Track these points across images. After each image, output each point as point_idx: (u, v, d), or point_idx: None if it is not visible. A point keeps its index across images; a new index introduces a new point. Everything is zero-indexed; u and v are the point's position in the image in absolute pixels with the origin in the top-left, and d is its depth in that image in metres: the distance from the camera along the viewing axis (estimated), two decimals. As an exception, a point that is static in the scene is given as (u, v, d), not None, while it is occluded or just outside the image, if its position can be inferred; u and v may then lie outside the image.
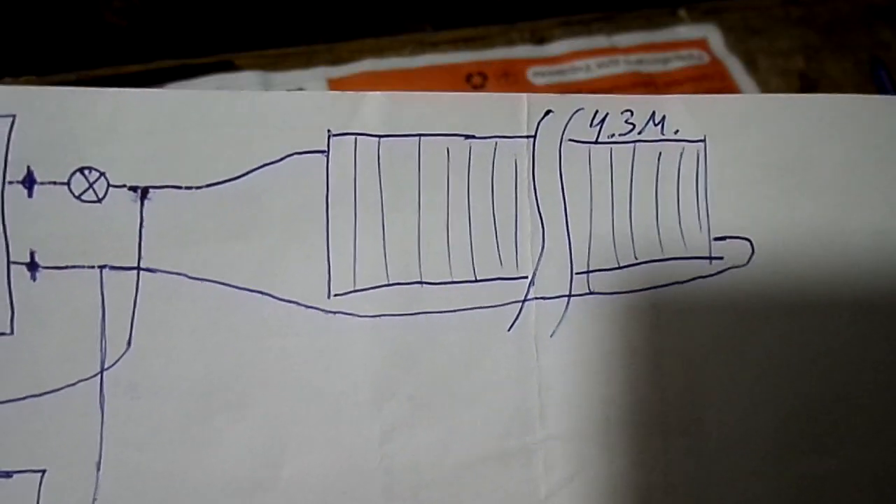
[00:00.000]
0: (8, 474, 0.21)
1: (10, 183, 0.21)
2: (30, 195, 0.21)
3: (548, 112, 0.24)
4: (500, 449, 0.23)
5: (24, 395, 0.21)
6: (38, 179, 0.21)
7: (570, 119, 0.24)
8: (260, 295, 0.22)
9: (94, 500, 0.21)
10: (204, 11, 0.38)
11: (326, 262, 0.22)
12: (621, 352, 0.23)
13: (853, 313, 0.24)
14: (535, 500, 0.23)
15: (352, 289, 0.23)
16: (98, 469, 0.21)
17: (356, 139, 0.23)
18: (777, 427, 0.23)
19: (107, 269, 0.22)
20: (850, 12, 0.36)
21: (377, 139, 0.23)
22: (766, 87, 0.35)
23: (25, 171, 0.21)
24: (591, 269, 0.23)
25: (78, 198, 0.21)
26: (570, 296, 0.23)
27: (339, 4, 0.38)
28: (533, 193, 0.24)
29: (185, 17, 0.38)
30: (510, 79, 0.34)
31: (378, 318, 0.23)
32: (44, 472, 0.21)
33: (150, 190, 0.22)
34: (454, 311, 0.23)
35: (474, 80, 0.33)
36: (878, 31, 0.35)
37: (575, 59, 0.34)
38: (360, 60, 0.33)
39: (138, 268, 0.22)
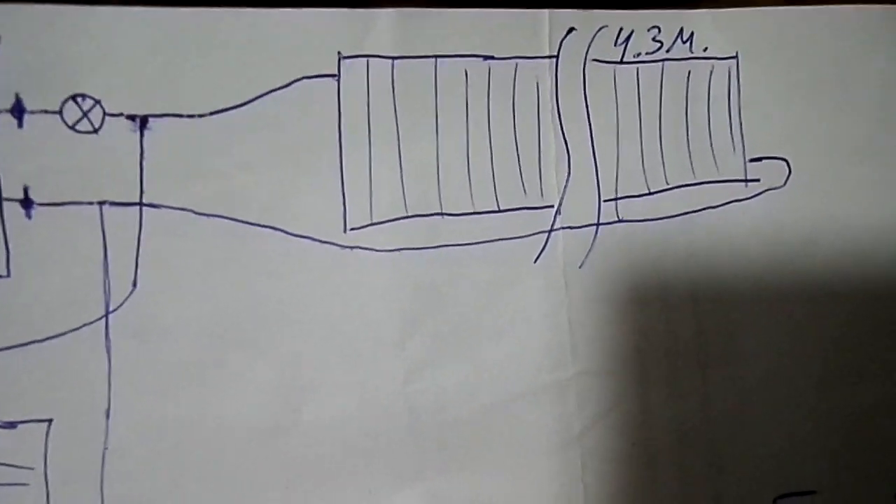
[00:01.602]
0: (12, 424, 0.20)
1: (-2, 112, 0.20)
2: (20, 125, 0.20)
3: (570, 30, 0.22)
4: (531, 386, 0.22)
5: (25, 342, 0.20)
6: (28, 108, 0.20)
7: (593, 37, 0.22)
8: (271, 230, 0.21)
9: (105, 448, 0.20)
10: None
11: (341, 194, 0.21)
12: (654, 281, 0.22)
13: (896, 234, 0.23)
14: (569, 436, 0.22)
15: (369, 222, 0.21)
16: (107, 417, 0.20)
17: (368, 61, 0.21)
18: (819, 356, 0.22)
19: (107, 206, 0.20)
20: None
21: (391, 61, 0.21)
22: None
23: (14, 98, 0.19)
24: (619, 195, 0.22)
25: (72, 128, 0.20)
26: (598, 224, 0.22)
27: (339, 5, 0.37)
28: (557, 117, 0.22)
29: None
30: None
31: (398, 253, 0.21)
32: (50, 421, 0.20)
33: (150, 119, 0.20)
34: (477, 243, 0.22)
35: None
36: None
37: None
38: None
39: (140, 203, 0.20)
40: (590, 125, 0.22)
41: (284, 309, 0.21)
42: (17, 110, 0.20)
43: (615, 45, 0.22)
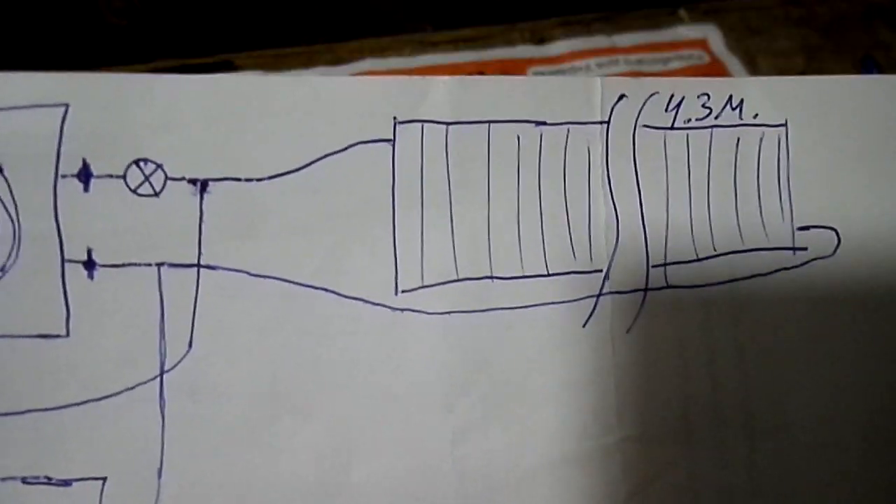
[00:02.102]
0: (68, 482, 0.20)
1: (64, 177, 0.20)
2: (85, 189, 0.20)
3: (622, 97, 0.22)
4: (577, 451, 0.22)
5: (82, 401, 0.20)
6: (94, 173, 0.20)
7: (644, 103, 0.23)
8: (324, 292, 0.21)
9: (157, 508, 0.20)
10: (204, 11, 0.37)
11: (393, 257, 0.21)
12: (701, 348, 0.22)
13: (945, 306, 0.23)
14: (615, 503, 0.22)
15: (420, 285, 0.22)
16: (159, 476, 0.20)
17: (423, 126, 0.22)
18: (868, 426, 0.22)
19: (165, 267, 0.20)
20: (850, 12, 0.35)
21: (445, 126, 0.22)
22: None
23: (81, 163, 0.20)
24: (668, 261, 0.22)
25: (134, 191, 0.20)
26: (646, 290, 0.22)
27: (339, 4, 0.38)
28: (607, 182, 0.22)
29: (185, 17, 0.37)
30: (512, 79, 0.34)
31: (448, 315, 0.22)
32: (105, 479, 0.20)
33: (210, 182, 0.21)
34: (527, 306, 0.22)
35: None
36: (877, 31, 0.34)
37: (575, 60, 0.33)
38: (360, 60, 0.32)
39: (198, 265, 0.21)
40: (639, 190, 0.22)
41: (335, 370, 0.21)
42: (84, 175, 0.20)
43: (666, 111, 0.23)
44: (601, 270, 0.22)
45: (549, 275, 0.22)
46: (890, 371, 0.23)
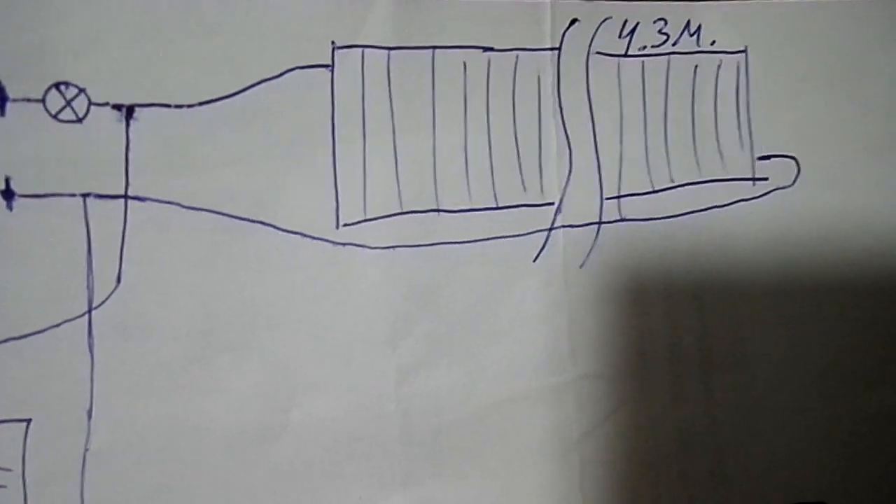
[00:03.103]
0: (-11, 424, 0.19)
1: (-21, 100, 0.19)
2: (1, 114, 0.19)
3: (573, 21, 0.21)
4: (528, 390, 0.21)
5: (3, 339, 0.19)
6: (10, 96, 0.19)
7: (597, 29, 0.22)
8: (261, 225, 0.20)
9: (86, 450, 0.19)
10: None
11: (334, 189, 0.20)
12: (657, 283, 0.21)
13: (909, 236, 0.22)
14: (568, 442, 0.21)
15: (362, 218, 0.21)
16: (89, 417, 0.19)
17: (363, 52, 0.21)
18: (826, 362, 0.22)
19: (91, 198, 0.19)
20: None
21: (387, 52, 0.21)
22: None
23: (-5, 86, 0.19)
24: (622, 193, 0.21)
25: (55, 117, 0.19)
26: (600, 223, 0.21)
27: None
28: (558, 112, 0.21)
29: None
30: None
31: (392, 250, 0.21)
32: (29, 421, 0.19)
33: (137, 108, 0.19)
34: (474, 241, 0.21)
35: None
36: None
37: None
38: None
39: (126, 196, 0.20)
40: (592, 120, 0.21)
41: (273, 307, 0.20)
42: (-1, 98, 0.19)
43: (620, 37, 0.22)
44: (553, 203, 0.21)
45: (498, 207, 0.21)
46: (851, 305, 0.22)
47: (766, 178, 0.22)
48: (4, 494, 0.19)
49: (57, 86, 0.19)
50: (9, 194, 0.19)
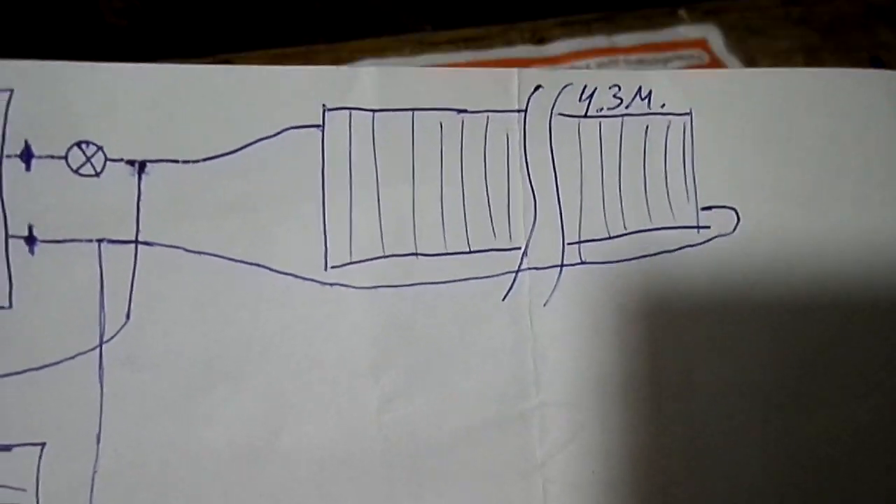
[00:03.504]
0: (8, 447, 0.21)
1: (8, 157, 0.21)
2: (27, 169, 0.21)
3: (538, 87, 0.24)
4: (497, 416, 0.23)
5: (23, 369, 0.21)
6: (36, 153, 0.21)
7: (559, 94, 0.24)
8: (257, 267, 0.22)
9: (95, 472, 0.21)
10: (204, 11, 0.38)
11: (323, 235, 0.23)
12: (613, 319, 0.24)
13: (837, 280, 0.24)
14: (532, 464, 0.23)
15: (348, 261, 0.23)
16: (98, 442, 0.21)
17: (351, 113, 0.23)
18: (764, 389, 0.24)
19: (105, 243, 0.22)
20: (850, 12, 0.36)
21: (371, 113, 0.23)
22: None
23: (23, 145, 0.21)
24: (582, 239, 0.24)
25: (76, 171, 0.22)
26: (562, 266, 0.24)
27: (339, 4, 0.38)
28: (525, 166, 0.24)
29: (185, 17, 0.38)
30: (510, 79, 0.34)
31: (374, 290, 0.23)
32: (43, 445, 0.21)
33: (148, 164, 0.22)
34: (449, 281, 0.23)
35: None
36: (878, 32, 0.35)
37: (575, 59, 0.34)
38: (360, 60, 0.33)
39: (136, 241, 0.22)
40: (555, 174, 0.24)
41: (267, 341, 0.22)
42: (26, 155, 0.21)
43: (580, 100, 0.24)
44: (520, 248, 0.24)
45: (470, 251, 0.24)
46: (786, 341, 0.24)
47: (708, 227, 0.24)
48: (20, 512, 0.21)
49: (78, 144, 0.21)
50: (31, 240, 0.21)
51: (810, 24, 0.35)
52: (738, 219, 0.24)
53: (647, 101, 0.25)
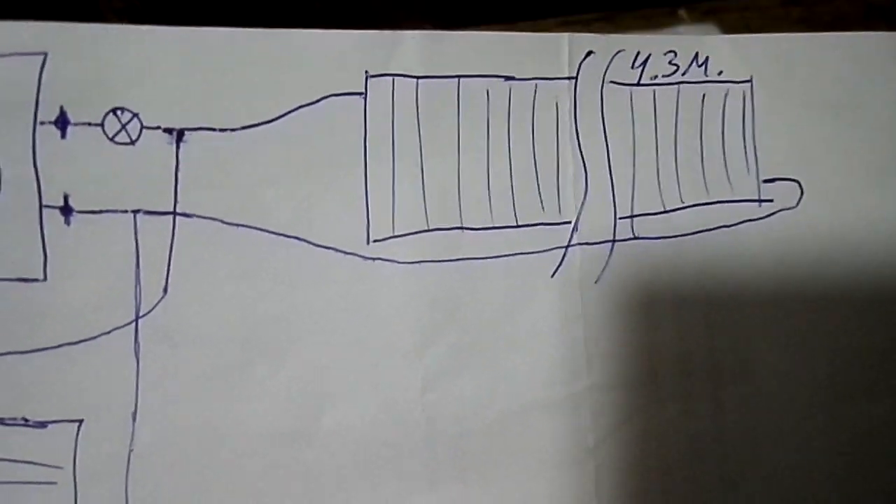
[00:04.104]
0: (43, 424, 0.20)
1: (42, 123, 0.20)
2: (63, 136, 0.21)
3: (589, 53, 0.23)
4: (546, 398, 0.22)
5: (58, 343, 0.20)
6: (72, 120, 0.21)
7: (611, 60, 0.23)
8: (297, 241, 0.22)
9: (131, 450, 0.21)
10: (204, 11, 0.38)
11: (365, 208, 0.22)
12: (668, 298, 0.23)
13: (908, 255, 0.23)
14: (583, 448, 0.22)
15: (391, 234, 0.22)
16: (134, 419, 0.21)
17: (394, 80, 0.22)
18: (829, 374, 0.23)
19: (141, 214, 0.21)
20: (850, 12, 0.35)
21: (415, 80, 0.22)
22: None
23: (58, 111, 0.20)
24: (635, 213, 0.23)
25: (111, 139, 0.21)
26: (614, 241, 0.23)
27: (338, 4, 0.38)
28: (575, 136, 0.23)
29: (185, 17, 0.38)
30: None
31: (418, 265, 0.22)
32: (80, 421, 0.20)
33: (186, 132, 0.21)
34: (496, 257, 0.22)
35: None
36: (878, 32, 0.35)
37: None
38: None
39: (174, 212, 0.21)
40: (607, 144, 0.23)
41: (307, 317, 0.22)
42: (61, 122, 0.21)
43: (632, 67, 0.23)
44: (569, 222, 0.23)
45: (518, 226, 0.23)
46: (852, 322, 0.23)
47: (770, 200, 0.23)
48: (56, 490, 0.20)
49: (114, 111, 0.21)
50: (67, 210, 0.21)
51: (810, 24, 0.34)
52: (802, 192, 0.23)
53: (703, 67, 0.23)
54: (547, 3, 0.35)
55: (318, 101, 0.22)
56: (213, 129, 0.21)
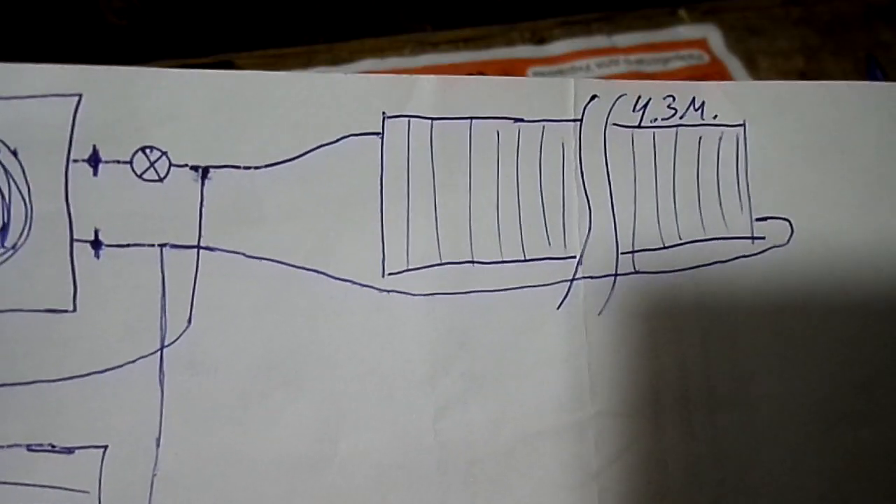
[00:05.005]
0: (70, 450, 0.21)
1: (76, 161, 0.21)
2: (94, 174, 0.21)
3: (593, 97, 0.24)
4: (553, 425, 0.23)
5: (86, 372, 0.21)
6: (103, 158, 0.22)
7: (614, 104, 0.24)
8: (316, 274, 0.23)
9: (154, 475, 0.21)
10: (204, 11, 0.38)
11: (381, 242, 0.23)
12: (668, 329, 0.24)
13: (891, 290, 0.24)
14: (587, 474, 0.23)
15: (405, 268, 0.23)
16: (157, 445, 0.21)
17: (409, 121, 0.23)
18: (822, 400, 0.24)
19: (167, 248, 0.22)
20: (849, 12, 0.36)
21: (430, 121, 0.23)
22: (764, 87, 0.35)
23: (91, 149, 0.21)
24: (636, 248, 0.24)
25: (140, 176, 0.22)
26: (616, 275, 0.24)
27: (339, 4, 0.39)
28: (580, 175, 0.24)
29: (185, 17, 0.38)
30: (511, 79, 0.34)
31: (431, 297, 0.23)
32: (105, 447, 0.21)
33: (211, 169, 0.22)
34: (505, 289, 0.23)
35: (475, 80, 0.33)
36: (877, 31, 0.35)
37: (575, 59, 0.34)
38: (360, 60, 0.33)
39: (198, 246, 0.22)
40: (609, 183, 0.24)
41: (325, 347, 0.22)
42: (93, 160, 0.21)
43: (633, 111, 0.24)
44: (574, 257, 0.24)
45: (525, 260, 0.24)
46: (842, 352, 0.24)
47: (763, 238, 0.24)
48: (82, 515, 0.21)
49: (143, 149, 0.22)
50: (97, 244, 0.21)
51: (810, 24, 0.35)
52: (793, 230, 0.24)
53: (700, 111, 0.25)
54: (547, 4, 0.36)
55: (337, 140, 0.23)
56: (237, 167, 0.22)
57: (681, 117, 0.25)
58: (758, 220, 0.25)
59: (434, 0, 0.38)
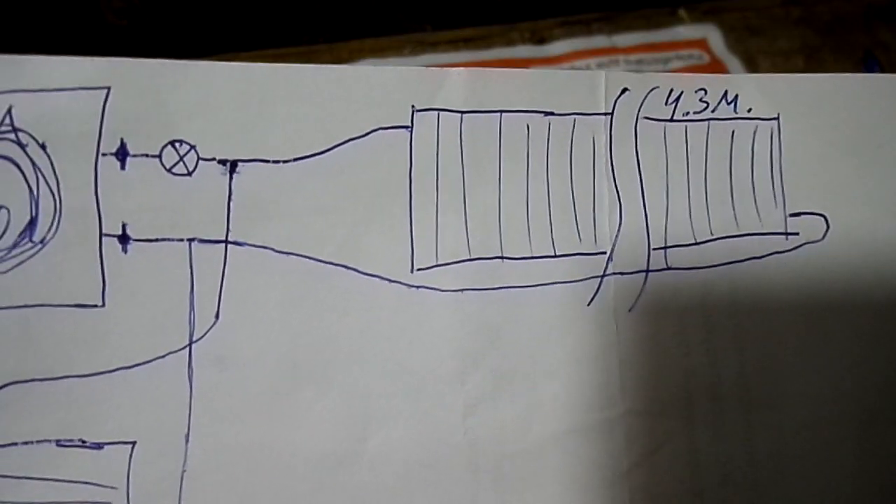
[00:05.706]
0: (99, 446, 0.21)
1: (104, 155, 0.21)
2: (122, 167, 0.21)
3: (625, 90, 0.24)
4: (582, 423, 0.23)
5: (114, 368, 0.21)
6: (131, 152, 0.21)
7: (645, 97, 0.24)
8: (344, 269, 0.22)
9: (184, 471, 0.21)
10: (204, 11, 0.38)
11: (409, 237, 0.23)
12: (700, 326, 0.24)
13: (929, 288, 0.24)
14: (618, 473, 0.23)
15: (434, 263, 0.23)
16: (187, 441, 0.21)
17: (439, 115, 0.23)
18: (857, 399, 0.23)
19: (196, 242, 0.22)
20: (849, 12, 0.36)
21: (460, 115, 0.23)
22: (765, 87, 0.35)
23: (119, 143, 0.21)
24: (668, 244, 0.24)
25: (169, 170, 0.22)
26: (647, 271, 0.24)
27: (339, 4, 0.38)
28: (610, 170, 0.24)
29: (185, 17, 0.38)
30: (511, 79, 0.34)
31: (460, 293, 0.23)
32: (134, 443, 0.21)
33: (239, 163, 0.22)
34: (534, 285, 0.23)
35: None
36: (877, 31, 0.35)
37: (575, 59, 0.34)
38: (360, 60, 0.33)
39: (226, 241, 0.22)
40: (641, 178, 0.24)
41: (353, 343, 0.22)
42: (121, 154, 0.21)
43: (665, 104, 0.24)
44: (605, 252, 0.24)
45: (556, 256, 0.23)
46: (878, 350, 0.24)
47: (797, 233, 0.24)
48: (111, 511, 0.21)
49: (172, 143, 0.21)
50: (125, 239, 0.21)
51: (810, 24, 0.34)
52: (828, 226, 0.24)
53: (733, 105, 0.24)
54: (547, 4, 0.36)
55: (366, 134, 0.23)
56: (266, 161, 0.22)
57: (713, 111, 0.24)
58: (792, 215, 0.24)
59: (434, 0, 0.38)
